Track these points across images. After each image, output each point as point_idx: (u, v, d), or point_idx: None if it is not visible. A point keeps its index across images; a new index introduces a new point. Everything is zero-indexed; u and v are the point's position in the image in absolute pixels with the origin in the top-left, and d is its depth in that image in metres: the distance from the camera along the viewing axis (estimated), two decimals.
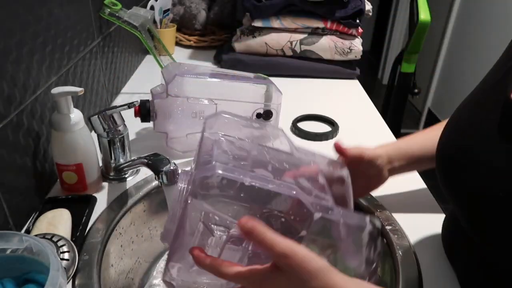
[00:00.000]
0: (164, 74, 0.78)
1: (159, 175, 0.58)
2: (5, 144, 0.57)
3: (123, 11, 0.92)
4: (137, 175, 0.75)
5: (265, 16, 1.15)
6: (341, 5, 1.14)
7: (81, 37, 0.80)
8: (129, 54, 1.12)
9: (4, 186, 0.57)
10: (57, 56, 0.70)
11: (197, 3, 1.39)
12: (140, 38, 0.94)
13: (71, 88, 0.61)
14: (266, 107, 0.83)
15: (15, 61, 0.58)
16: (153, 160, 0.60)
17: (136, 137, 0.87)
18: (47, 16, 0.67)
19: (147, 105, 0.77)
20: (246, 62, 1.18)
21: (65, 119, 0.62)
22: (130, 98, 1.03)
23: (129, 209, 0.68)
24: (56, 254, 0.44)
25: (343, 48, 1.17)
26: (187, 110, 0.78)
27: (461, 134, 0.50)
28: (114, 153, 0.71)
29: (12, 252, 0.47)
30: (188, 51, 1.38)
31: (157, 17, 1.26)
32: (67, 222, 0.61)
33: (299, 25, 1.16)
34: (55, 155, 0.66)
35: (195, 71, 0.81)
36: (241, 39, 1.20)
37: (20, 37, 0.59)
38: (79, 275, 0.55)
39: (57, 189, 0.70)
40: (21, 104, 0.60)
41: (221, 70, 0.89)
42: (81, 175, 0.67)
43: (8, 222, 0.59)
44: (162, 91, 0.77)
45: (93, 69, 0.87)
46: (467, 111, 0.52)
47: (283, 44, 1.17)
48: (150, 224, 0.74)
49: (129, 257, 0.70)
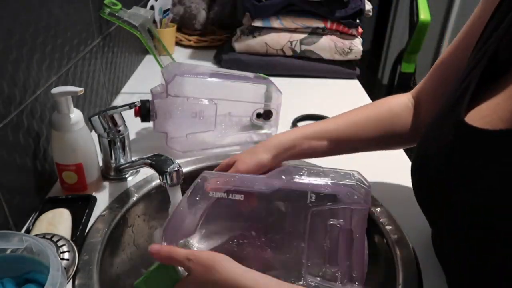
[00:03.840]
0: (164, 74, 0.78)
1: (163, 176, 0.58)
2: (5, 144, 0.57)
3: (123, 11, 0.92)
4: (137, 175, 0.75)
5: (265, 16, 1.15)
6: (341, 5, 1.14)
7: (81, 37, 0.80)
8: (129, 54, 1.12)
9: (4, 186, 0.57)
10: (57, 56, 0.70)
11: (197, 3, 1.39)
12: (140, 38, 0.94)
13: (71, 88, 0.61)
14: (266, 107, 0.83)
15: (15, 61, 0.58)
16: (156, 161, 0.60)
17: (136, 137, 0.87)
18: (47, 16, 0.67)
19: (147, 105, 0.77)
20: (246, 62, 1.18)
21: (65, 119, 0.62)
22: (130, 98, 1.03)
23: (129, 209, 0.68)
24: (56, 254, 0.44)
25: (343, 48, 1.17)
26: (187, 110, 0.78)
27: (425, 153, 0.53)
28: (114, 153, 0.71)
29: (12, 252, 0.47)
30: (188, 51, 1.38)
31: (157, 17, 1.26)
32: (67, 222, 0.61)
33: (299, 25, 1.16)
34: (55, 155, 0.66)
35: (195, 71, 0.81)
36: (241, 39, 1.20)
37: (20, 37, 0.59)
38: (79, 275, 0.55)
39: (57, 189, 0.70)
40: (21, 104, 0.60)
41: (221, 70, 0.89)
42: (81, 175, 0.67)
43: (8, 222, 0.59)
44: (162, 91, 0.77)
45: (93, 69, 0.87)
46: (429, 131, 0.55)
47: (283, 44, 1.17)
48: (150, 224, 0.74)
49: (129, 257, 0.70)
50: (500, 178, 0.40)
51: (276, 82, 0.83)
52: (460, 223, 0.45)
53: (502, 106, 0.44)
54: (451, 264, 0.54)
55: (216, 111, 0.79)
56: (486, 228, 0.42)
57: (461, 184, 0.45)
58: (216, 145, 0.83)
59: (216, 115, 0.80)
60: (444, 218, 0.49)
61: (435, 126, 0.53)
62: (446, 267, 0.57)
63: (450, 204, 0.47)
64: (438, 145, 0.50)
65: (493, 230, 0.41)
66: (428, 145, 0.53)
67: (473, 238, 0.44)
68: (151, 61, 1.05)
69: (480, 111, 0.46)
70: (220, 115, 0.81)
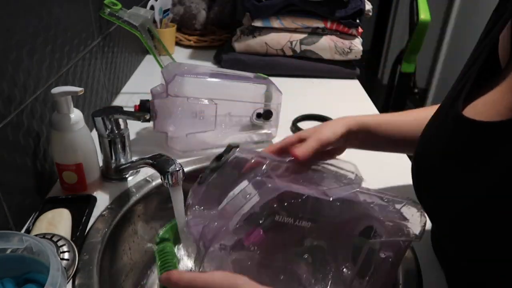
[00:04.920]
0: (164, 74, 0.78)
1: (164, 176, 0.58)
2: (5, 144, 0.57)
3: (123, 11, 0.92)
4: (137, 175, 0.75)
5: (265, 16, 1.15)
6: (341, 5, 1.14)
7: (81, 37, 0.80)
8: (129, 54, 1.12)
9: (4, 186, 0.57)
10: (57, 56, 0.70)
11: (197, 3, 1.39)
12: (140, 38, 0.94)
13: (71, 88, 0.61)
14: (266, 107, 0.84)
15: (15, 61, 0.58)
16: (158, 161, 0.60)
17: (136, 137, 0.87)
18: (47, 16, 0.67)
19: (147, 105, 0.77)
20: (246, 62, 1.18)
21: (65, 119, 0.62)
22: (130, 98, 1.03)
23: (129, 209, 0.68)
24: (56, 254, 0.44)
25: (343, 48, 1.17)
26: (187, 110, 0.78)
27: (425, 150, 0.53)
28: (114, 153, 0.71)
29: (12, 252, 0.47)
30: (188, 51, 1.38)
31: (157, 17, 1.26)
32: (67, 222, 0.61)
33: (299, 25, 1.16)
34: (55, 155, 0.66)
35: (195, 71, 0.81)
36: (241, 39, 1.20)
37: (20, 37, 0.59)
38: (79, 275, 0.55)
39: (57, 189, 0.70)
40: (21, 104, 0.60)
41: (221, 70, 0.89)
42: (81, 175, 0.67)
43: (8, 222, 0.59)
44: (162, 91, 0.77)
45: (93, 69, 0.87)
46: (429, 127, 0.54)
47: (283, 44, 1.17)
48: (150, 224, 0.74)
49: (129, 257, 0.70)
50: (499, 171, 0.40)
51: (276, 82, 0.83)
52: (460, 217, 0.45)
53: (499, 101, 0.44)
54: (450, 261, 0.54)
55: (216, 111, 0.79)
56: (486, 222, 0.42)
57: (460, 178, 0.45)
58: (216, 145, 0.83)
59: (216, 115, 0.80)
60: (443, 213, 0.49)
61: (435, 123, 0.54)
62: (445, 265, 0.57)
63: (449, 199, 0.47)
64: (437, 141, 0.50)
65: (493, 224, 0.41)
66: (428, 141, 0.53)
67: (472, 233, 0.44)
68: (151, 61, 1.05)
69: (476, 107, 0.46)
70: (220, 115, 0.81)
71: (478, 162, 0.43)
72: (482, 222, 0.42)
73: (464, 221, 0.44)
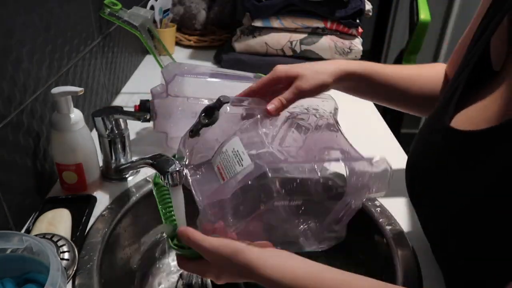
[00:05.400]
0: (164, 74, 0.78)
1: (164, 176, 0.58)
2: (5, 144, 0.57)
3: (123, 11, 0.92)
4: (137, 175, 0.75)
5: (265, 16, 1.15)
6: (341, 5, 1.14)
7: (81, 37, 0.80)
8: (129, 54, 1.12)
9: (4, 186, 0.57)
10: (57, 56, 0.70)
11: (197, 3, 1.39)
12: (140, 38, 0.94)
13: (71, 88, 0.61)
14: None
15: (15, 61, 0.58)
16: (158, 161, 0.60)
17: (136, 137, 0.87)
18: (47, 16, 0.67)
19: (147, 105, 0.77)
20: (246, 62, 1.18)
21: (65, 119, 0.62)
22: (130, 98, 1.03)
23: (129, 209, 0.68)
24: (56, 254, 0.44)
25: (343, 48, 1.17)
26: (187, 110, 0.78)
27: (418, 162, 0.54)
28: (114, 153, 0.71)
29: (12, 252, 0.47)
30: (188, 51, 1.38)
31: (157, 17, 1.26)
32: (67, 222, 0.61)
33: (299, 25, 1.16)
34: (55, 155, 0.66)
35: (195, 71, 0.81)
36: (241, 39, 1.20)
37: (20, 37, 0.59)
38: (79, 275, 0.55)
39: (57, 189, 0.70)
40: (21, 104, 0.60)
41: (221, 70, 0.89)
42: (81, 175, 0.67)
43: (8, 222, 0.59)
44: (162, 91, 0.77)
45: (93, 69, 0.87)
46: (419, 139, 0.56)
47: (283, 44, 1.17)
48: (150, 224, 0.74)
49: (129, 257, 0.70)
50: (485, 177, 0.41)
51: None
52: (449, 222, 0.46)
53: (489, 107, 0.45)
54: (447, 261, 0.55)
55: None
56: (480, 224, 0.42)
57: (452, 185, 0.46)
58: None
59: None
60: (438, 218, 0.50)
61: (427, 129, 0.55)
62: (442, 264, 0.57)
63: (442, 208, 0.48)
64: (428, 148, 0.52)
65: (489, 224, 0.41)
66: (420, 153, 0.54)
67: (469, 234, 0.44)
68: (151, 61, 1.05)
69: (467, 114, 0.47)
70: None
71: (468, 169, 0.44)
72: (476, 224, 0.43)
73: (459, 225, 0.45)
